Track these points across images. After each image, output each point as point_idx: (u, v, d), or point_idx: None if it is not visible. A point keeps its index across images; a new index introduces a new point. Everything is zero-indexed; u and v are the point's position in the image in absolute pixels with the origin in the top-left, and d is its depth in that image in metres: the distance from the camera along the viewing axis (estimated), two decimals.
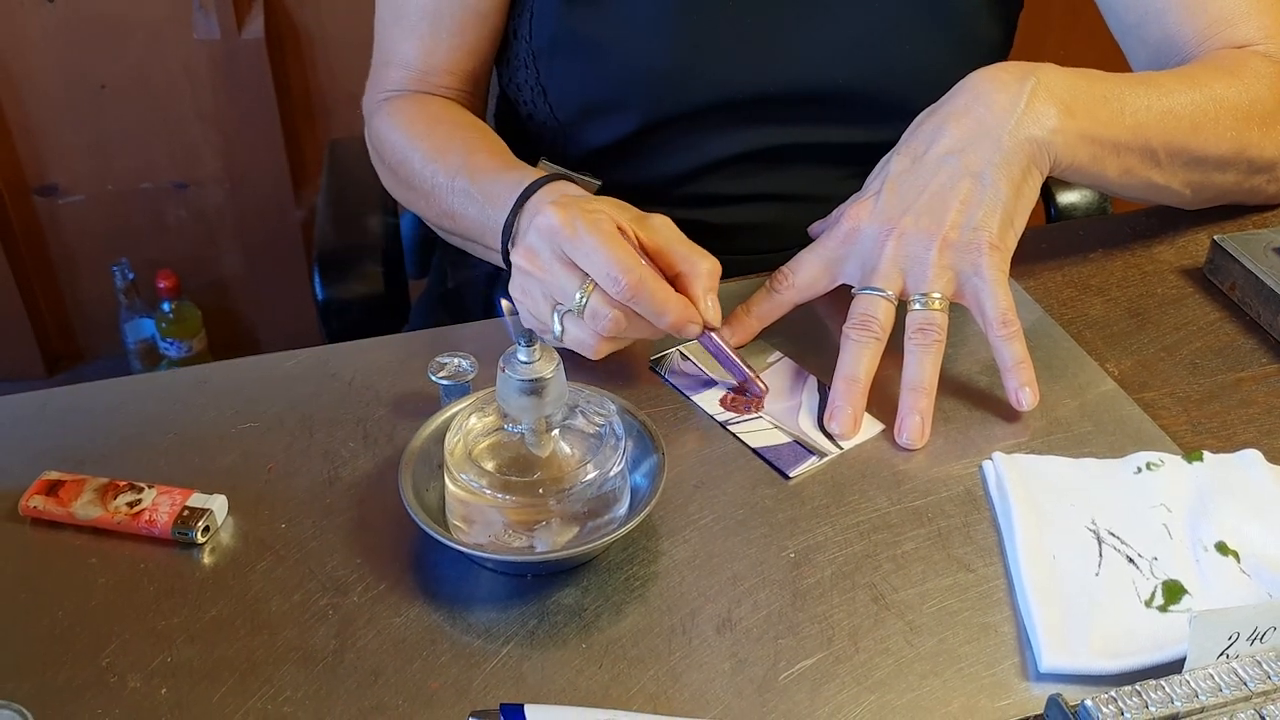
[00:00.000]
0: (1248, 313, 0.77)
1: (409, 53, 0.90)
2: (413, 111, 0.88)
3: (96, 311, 2.06)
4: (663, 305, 0.65)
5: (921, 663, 0.54)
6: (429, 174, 0.82)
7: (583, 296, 0.65)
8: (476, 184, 0.78)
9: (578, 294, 0.65)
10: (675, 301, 0.65)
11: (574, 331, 0.67)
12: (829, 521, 0.62)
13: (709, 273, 0.68)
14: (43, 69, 1.82)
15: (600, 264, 0.64)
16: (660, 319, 0.65)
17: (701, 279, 0.67)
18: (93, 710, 0.52)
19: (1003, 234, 0.69)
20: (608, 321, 0.65)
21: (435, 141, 0.84)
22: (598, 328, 0.65)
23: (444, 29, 0.89)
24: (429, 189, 0.82)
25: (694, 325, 0.66)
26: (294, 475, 0.64)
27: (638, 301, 0.64)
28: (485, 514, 0.57)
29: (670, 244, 0.68)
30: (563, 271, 0.65)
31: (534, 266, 0.67)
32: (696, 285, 0.67)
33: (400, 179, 0.87)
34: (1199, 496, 0.62)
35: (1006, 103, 0.70)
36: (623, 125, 0.88)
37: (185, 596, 0.57)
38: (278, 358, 0.73)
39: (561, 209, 0.66)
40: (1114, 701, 0.49)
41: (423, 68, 0.90)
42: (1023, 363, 0.67)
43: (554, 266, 0.66)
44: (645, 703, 0.52)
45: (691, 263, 0.67)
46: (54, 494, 0.61)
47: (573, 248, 0.65)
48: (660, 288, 0.65)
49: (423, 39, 0.89)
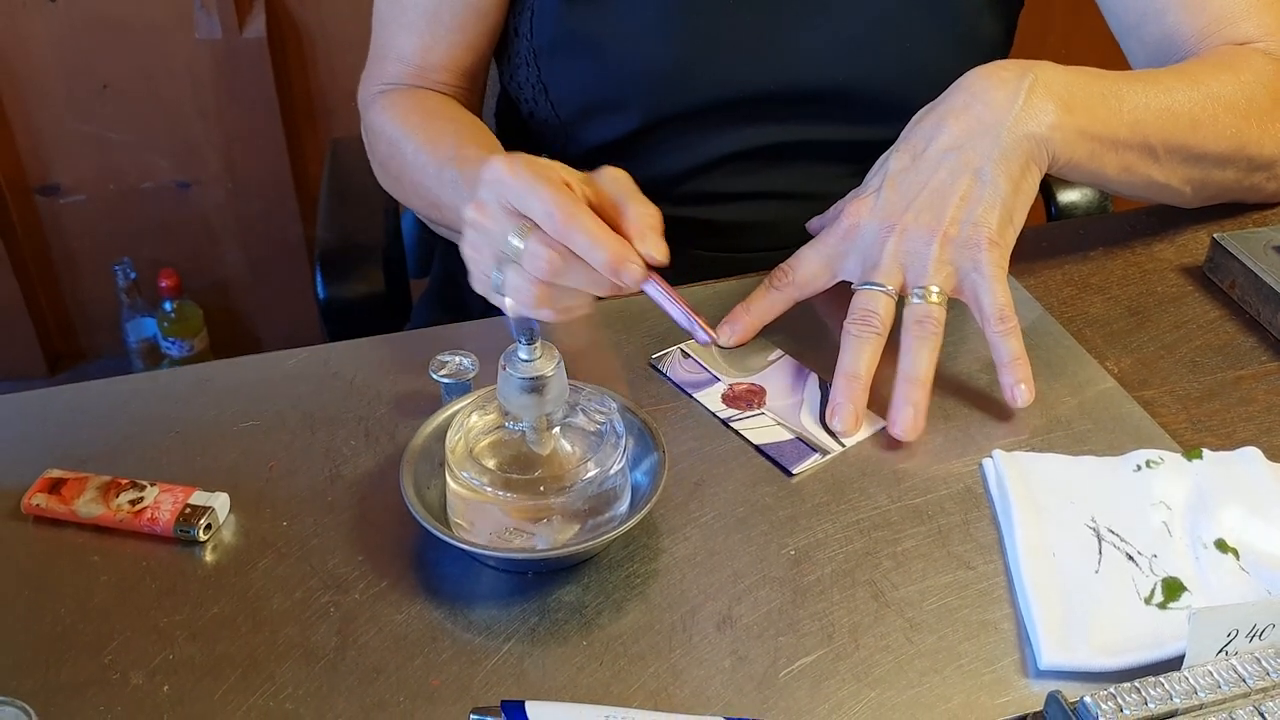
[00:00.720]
0: (1248, 311, 0.77)
1: (406, 47, 0.90)
2: (407, 105, 0.88)
3: (98, 311, 2.06)
4: (597, 240, 0.61)
5: (921, 659, 0.54)
6: (419, 165, 0.82)
7: (519, 241, 0.63)
8: (464, 174, 0.77)
9: (515, 238, 0.63)
10: (611, 239, 0.62)
11: (513, 280, 0.64)
12: (829, 519, 0.62)
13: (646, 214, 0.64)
14: (45, 68, 1.82)
15: (537, 202, 0.62)
16: (595, 254, 0.61)
17: (636, 221, 0.64)
18: (95, 707, 0.52)
19: (1002, 230, 0.69)
20: (544, 262, 0.62)
21: (427, 134, 0.84)
22: (534, 269, 0.62)
23: (443, 25, 0.89)
24: (418, 180, 0.82)
25: (632, 264, 0.62)
26: (295, 473, 0.64)
27: (572, 236, 0.61)
28: (486, 512, 0.57)
29: (616, 196, 0.65)
30: (505, 218, 0.64)
31: (481, 216, 0.65)
32: (631, 227, 0.64)
33: (390, 171, 0.87)
34: (1198, 494, 0.62)
35: (1005, 99, 0.70)
36: (624, 123, 0.88)
37: (187, 594, 0.58)
38: (279, 356, 0.73)
39: (507, 158, 0.64)
40: (1113, 698, 0.49)
41: (420, 63, 0.90)
42: (1019, 359, 0.67)
43: (499, 214, 0.64)
44: (646, 699, 0.53)
45: (631, 208, 0.64)
46: (56, 492, 0.61)
47: (515, 193, 0.63)
48: (596, 224, 0.62)
49: (421, 34, 0.89)
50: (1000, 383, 0.68)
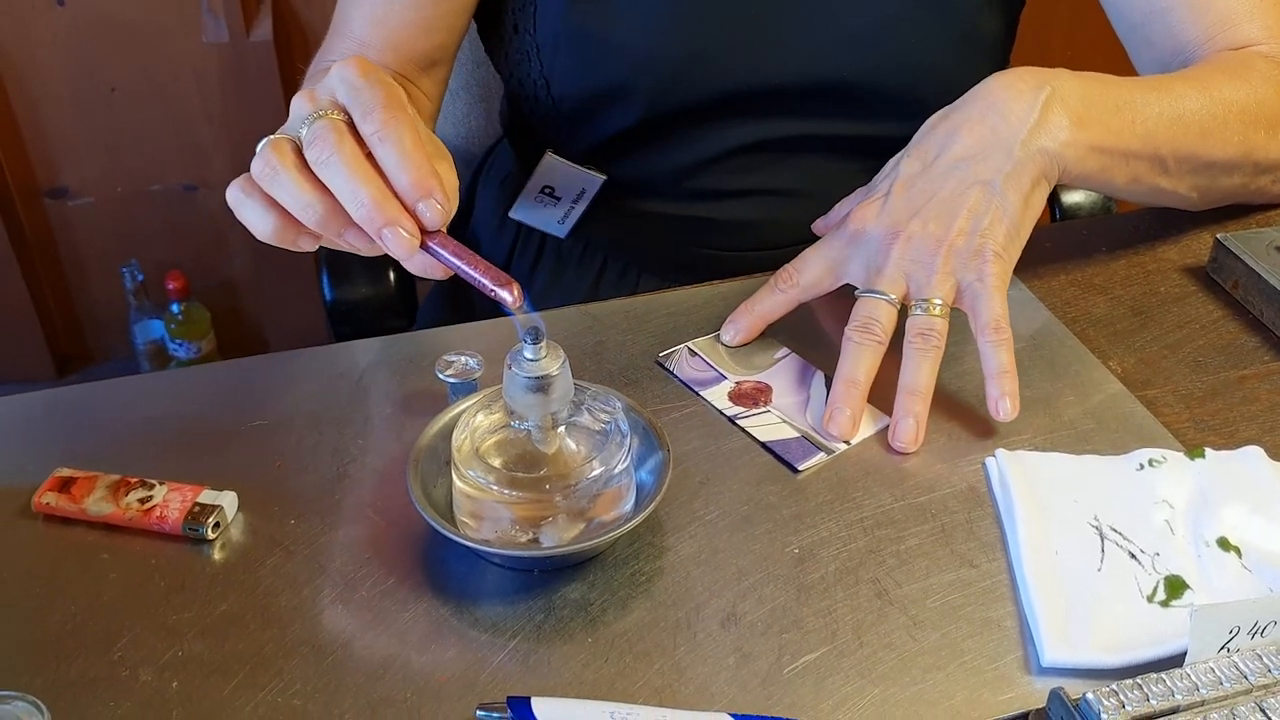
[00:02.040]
0: (1250, 311, 0.77)
1: (356, 22, 0.86)
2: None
3: (106, 313, 2.07)
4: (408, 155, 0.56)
5: (925, 657, 0.55)
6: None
7: (313, 120, 0.58)
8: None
9: (308, 120, 0.58)
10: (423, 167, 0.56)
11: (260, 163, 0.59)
12: (833, 517, 0.62)
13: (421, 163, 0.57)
14: (53, 72, 1.83)
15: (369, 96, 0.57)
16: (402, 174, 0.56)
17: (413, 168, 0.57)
18: (105, 703, 0.53)
19: (1007, 244, 0.69)
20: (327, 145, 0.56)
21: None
22: (309, 152, 0.57)
23: (398, 2, 0.84)
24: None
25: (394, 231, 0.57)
26: (303, 472, 0.65)
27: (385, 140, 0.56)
28: (492, 510, 0.58)
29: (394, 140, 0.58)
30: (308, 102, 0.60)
31: (302, 100, 0.61)
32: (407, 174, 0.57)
33: None
34: (1201, 493, 0.62)
35: (1021, 112, 0.70)
36: (626, 118, 0.89)
37: (196, 592, 0.58)
38: (286, 356, 0.74)
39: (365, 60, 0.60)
40: (1115, 695, 0.49)
41: (364, 40, 0.85)
42: (1007, 372, 0.67)
43: (320, 101, 0.60)
44: (651, 696, 0.53)
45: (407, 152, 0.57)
46: (66, 491, 0.62)
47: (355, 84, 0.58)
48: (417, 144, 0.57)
49: (374, 9, 0.85)
50: (986, 394, 0.67)
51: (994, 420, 0.67)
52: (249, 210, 0.62)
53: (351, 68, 0.60)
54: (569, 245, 0.99)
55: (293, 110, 0.62)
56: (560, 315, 0.77)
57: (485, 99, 1.14)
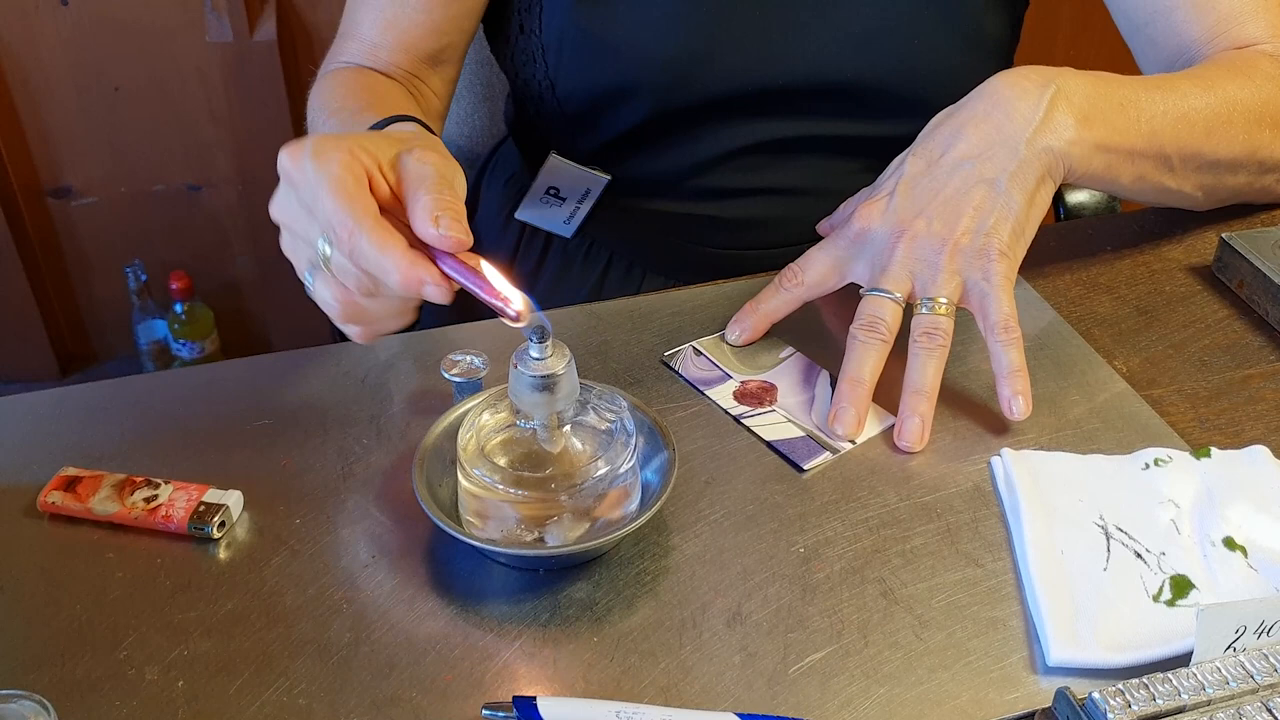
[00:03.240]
0: (1256, 310, 0.77)
1: (366, 23, 0.86)
2: (337, 80, 0.84)
3: (109, 313, 2.07)
4: (385, 257, 0.54)
5: (930, 656, 0.55)
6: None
7: (327, 246, 0.58)
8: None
9: (321, 243, 0.58)
10: (403, 257, 0.55)
11: (321, 291, 0.61)
12: (838, 517, 0.62)
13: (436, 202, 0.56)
14: (57, 72, 1.83)
15: (323, 214, 0.56)
16: (388, 277, 0.55)
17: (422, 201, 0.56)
18: (111, 702, 0.53)
19: (1013, 243, 0.69)
20: (353, 279, 0.58)
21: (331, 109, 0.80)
22: (348, 282, 0.58)
23: (408, 5, 0.86)
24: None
25: (432, 289, 0.55)
26: (308, 471, 0.65)
27: (357, 255, 0.55)
28: (498, 509, 0.58)
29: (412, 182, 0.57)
30: (305, 219, 0.59)
31: (282, 214, 0.61)
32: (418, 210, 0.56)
33: None
34: (1207, 492, 0.62)
35: (1026, 111, 0.70)
36: (631, 118, 0.89)
37: (201, 590, 0.58)
38: (291, 356, 0.74)
39: (290, 149, 0.59)
40: (1121, 694, 0.49)
41: (375, 40, 0.86)
42: (1019, 371, 0.67)
43: (299, 214, 0.59)
44: (656, 695, 0.53)
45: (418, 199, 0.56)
46: (72, 490, 0.62)
47: (303, 192, 0.58)
48: (383, 236, 0.55)
49: (383, 11, 0.86)
50: (998, 394, 0.67)
51: (1002, 419, 0.68)
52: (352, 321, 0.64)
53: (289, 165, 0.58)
54: (574, 244, 0.99)
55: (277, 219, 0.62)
56: (565, 314, 0.77)
57: (489, 98, 1.14)
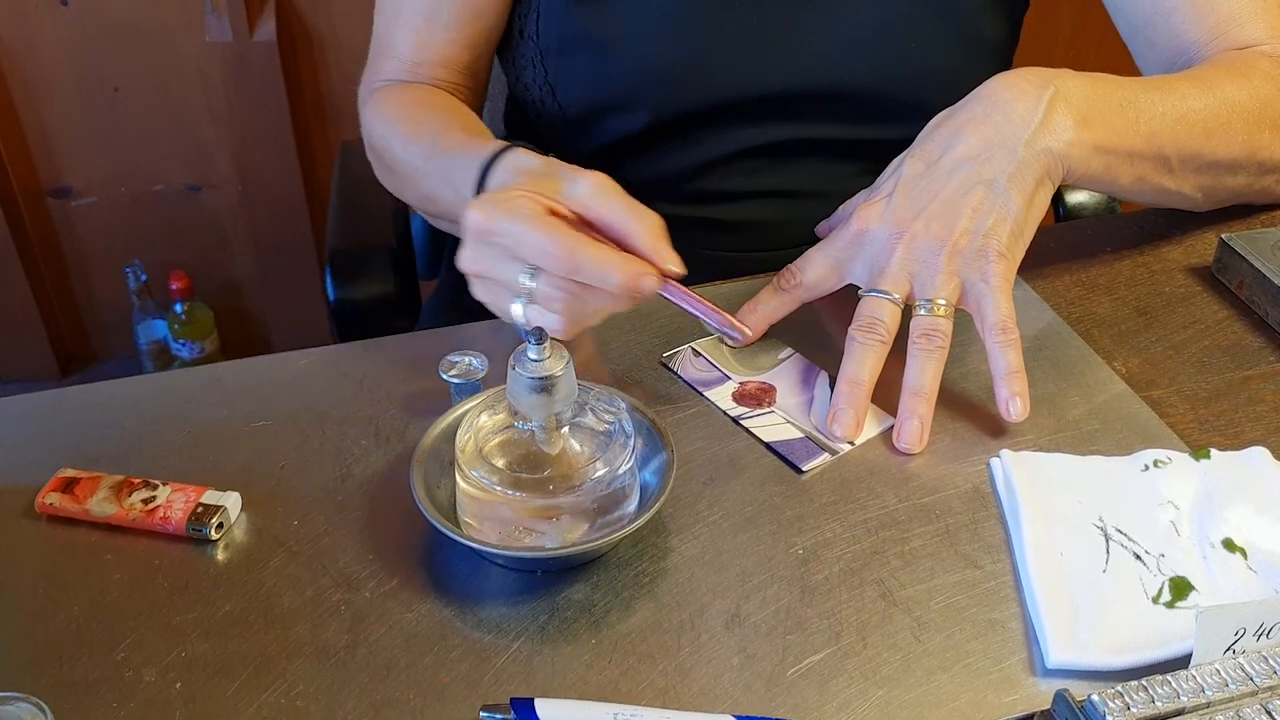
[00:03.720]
0: (1255, 311, 0.77)
1: (403, 45, 0.90)
2: (397, 98, 0.88)
3: (109, 313, 2.07)
4: (604, 267, 0.62)
5: (929, 658, 0.55)
6: (408, 157, 0.82)
7: (529, 280, 0.63)
8: (447, 164, 0.77)
9: (524, 279, 0.64)
10: (618, 260, 0.62)
11: (537, 318, 0.65)
12: (837, 518, 0.62)
13: (651, 226, 0.65)
14: (57, 72, 1.83)
15: (531, 246, 0.62)
16: (609, 281, 0.62)
17: (644, 234, 0.64)
18: (108, 704, 0.53)
19: (1011, 244, 0.69)
20: (560, 300, 0.63)
21: (413, 125, 0.84)
22: (556, 308, 0.64)
23: (440, 23, 0.89)
24: (409, 173, 0.82)
25: (648, 278, 0.63)
26: (306, 473, 0.65)
27: (579, 271, 0.62)
28: (496, 511, 0.58)
29: (607, 210, 0.65)
30: (505, 263, 0.64)
31: (477, 267, 0.66)
32: (639, 240, 0.64)
33: (384, 165, 0.87)
34: (1206, 493, 0.62)
35: (1025, 112, 0.70)
36: (631, 123, 0.89)
37: (199, 592, 0.58)
38: (290, 357, 0.74)
39: (478, 207, 0.64)
40: (1120, 696, 0.49)
41: (415, 59, 0.90)
42: (1016, 372, 0.67)
43: (495, 261, 0.65)
44: (654, 697, 0.53)
45: (628, 224, 0.64)
46: (70, 491, 0.62)
47: (501, 240, 0.63)
48: (597, 251, 0.62)
49: (418, 32, 0.89)
50: (995, 395, 0.67)
51: (1001, 420, 0.67)
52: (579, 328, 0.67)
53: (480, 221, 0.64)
54: None
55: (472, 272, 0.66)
56: None
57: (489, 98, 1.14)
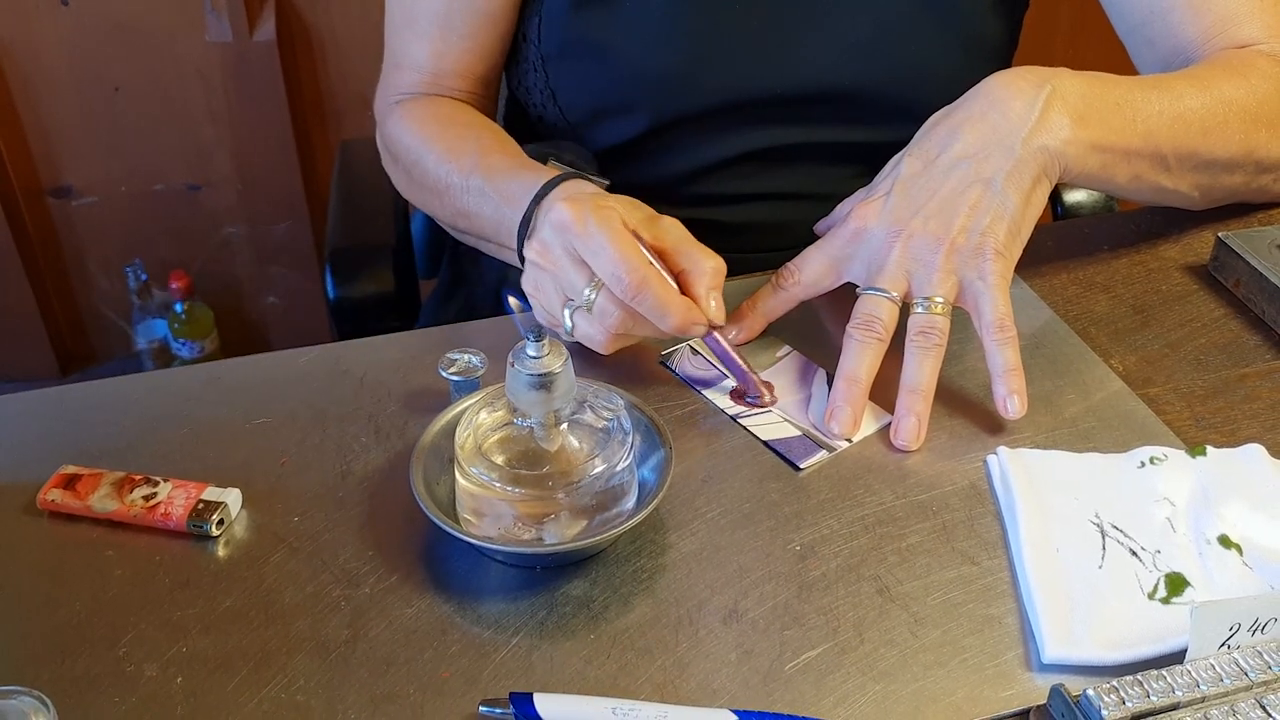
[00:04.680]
0: (1252, 309, 0.78)
1: (420, 55, 0.91)
2: (425, 113, 0.89)
3: (109, 312, 2.07)
4: (665, 307, 0.65)
5: (926, 654, 0.55)
6: (443, 174, 0.83)
7: (591, 293, 0.66)
8: (492, 183, 0.78)
9: (587, 290, 0.66)
10: (678, 303, 0.66)
11: (583, 327, 0.68)
12: (835, 515, 0.62)
13: (713, 271, 0.68)
14: (57, 71, 1.83)
15: (606, 262, 0.65)
16: (664, 320, 0.66)
17: (705, 278, 0.68)
18: (109, 698, 0.53)
19: (1008, 242, 0.69)
20: (614, 320, 0.66)
21: (449, 142, 0.85)
22: (605, 325, 0.67)
23: (454, 32, 0.90)
24: (443, 189, 0.83)
25: (698, 325, 0.67)
26: (307, 469, 0.65)
27: (640, 302, 0.65)
28: (495, 507, 0.58)
29: (678, 244, 0.69)
30: (572, 268, 0.67)
31: (546, 261, 0.68)
32: (700, 284, 0.68)
33: (414, 180, 0.88)
34: (1202, 490, 0.62)
35: (1021, 110, 0.71)
36: (631, 126, 0.89)
37: (200, 588, 0.58)
38: (290, 354, 0.74)
39: (574, 204, 0.67)
40: (1115, 691, 0.50)
41: (433, 70, 0.91)
42: (1014, 370, 0.67)
43: (564, 262, 0.67)
44: (652, 692, 0.53)
45: (696, 261, 0.68)
46: (71, 488, 0.62)
47: (582, 244, 0.66)
48: (664, 289, 0.66)
49: (433, 42, 0.90)
50: (993, 393, 0.68)
51: (998, 418, 0.68)
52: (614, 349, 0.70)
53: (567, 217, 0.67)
54: None
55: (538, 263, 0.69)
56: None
57: None
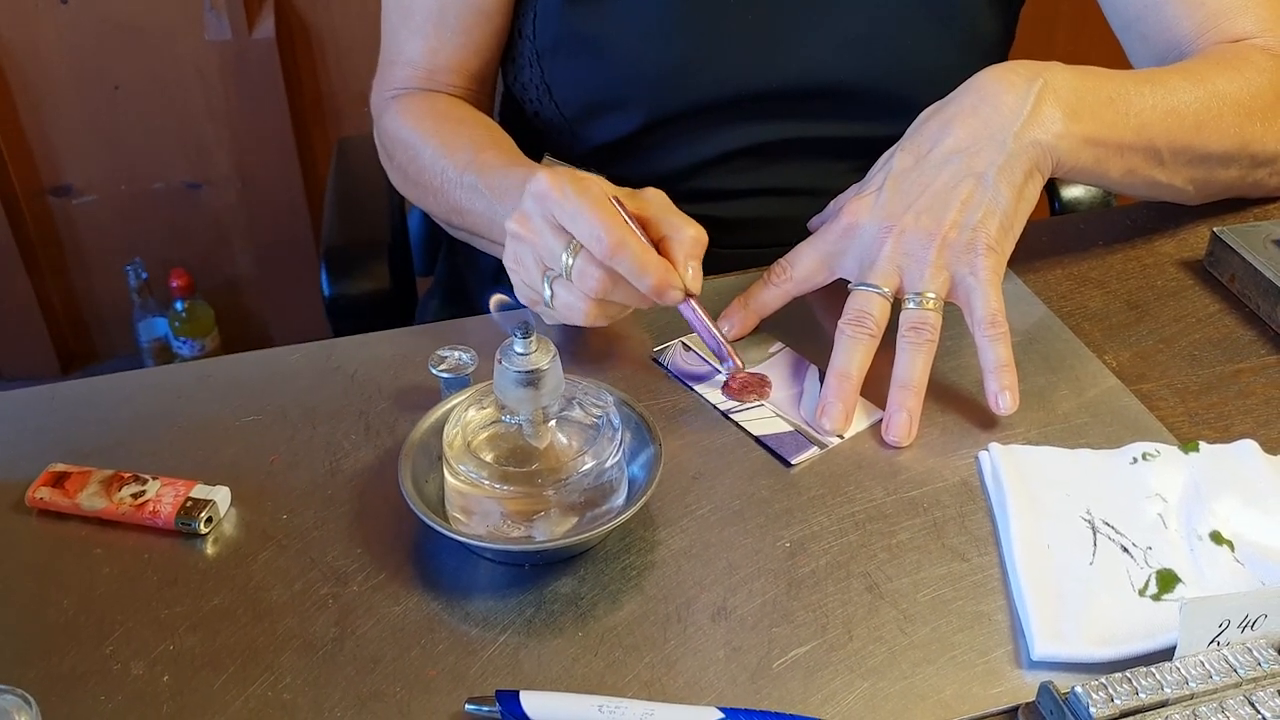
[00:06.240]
0: (1247, 304, 0.77)
1: (415, 51, 0.91)
2: (421, 109, 0.89)
3: (110, 311, 2.08)
4: (643, 266, 0.65)
5: (915, 651, 0.55)
6: (438, 170, 0.83)
7: (569, 258, 0.65)
8: (485, 179, 0.78)
9: (564, 255, 0.66)
10: (657, 264, 0.65)
11: (563, 295, 0.67)
12: (825, 511, 0.62)
13: (693, 240, 0.68)
14: (57, 70, 1.83)
15: (584, 225, 0.65)
16: (641, 280, 0.65)
17: (685, 245, 0.68)
18: (96, 697, 0.53)
19: (1000, 237, 0.69)
20: (593, 282, 0.65)
21: (444, 138, 0.85)
22: (584, 288, 0.66)
23: (449, 28, 0.90)
24: (438, 185, 0.83)
25: (675, 290, 0.66)
26: (296, 467, 0.65)
27: (619, 260, 0.64)
28: (483, 505, 0.58)
29: (659, 212, 0.69)
30: (551, 235, 0.66)
31: (525, 230, 0.68)
32: (679, 251, 0.67)
33: (409, 176, 0.88)
34: (1194, 486, 0.62)
35: (1013, 104, 0.70)
36: (627, 122, 0.89)
37: (188, 586, 0.58)
38: (281, 352, 0.74)
39: (552, 174, 0.67)
40: (1104, 688, 0.49)
41: (429, 66, 0.91)
42: (1006, 366, 0.67)
43: (544, 230, 0.67)
44: (640, 690, 0.53)
45: (676, 228, 0.68)
46: (60, 486, 0.62)
47: (560, 210, 0.65)
48: (642, 249, 0.65)
49: (428, 38, 0.90)
50: (985, 388, 0.67)
51: (990, 414, 0.67)
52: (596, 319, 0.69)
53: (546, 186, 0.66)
54: None
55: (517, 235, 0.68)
56: None
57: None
